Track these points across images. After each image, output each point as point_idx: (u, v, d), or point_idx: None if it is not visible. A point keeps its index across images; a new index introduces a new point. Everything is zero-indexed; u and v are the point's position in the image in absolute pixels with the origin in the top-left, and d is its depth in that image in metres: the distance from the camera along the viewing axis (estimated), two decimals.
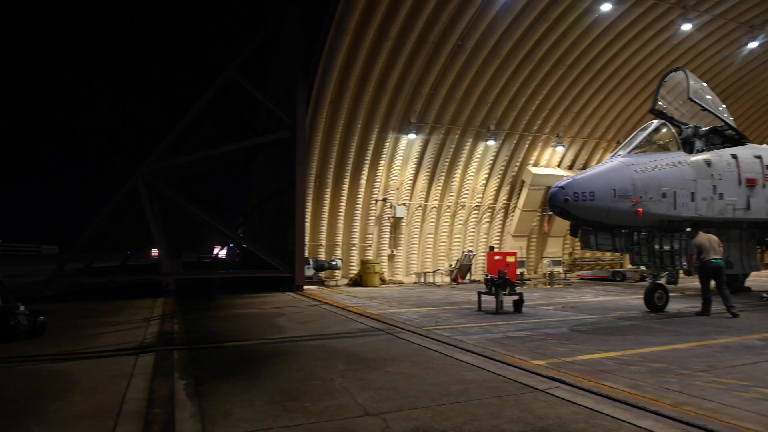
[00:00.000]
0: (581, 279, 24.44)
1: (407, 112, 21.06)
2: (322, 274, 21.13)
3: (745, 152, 12.77)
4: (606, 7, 18.37)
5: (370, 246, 22.01)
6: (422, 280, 22.25)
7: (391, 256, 22.77)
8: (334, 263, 20.72)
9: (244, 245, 23.31)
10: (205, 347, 8.75)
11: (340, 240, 21.40)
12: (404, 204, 22.50)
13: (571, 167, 25.76)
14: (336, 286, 20.94)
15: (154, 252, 28.64)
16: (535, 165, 25.08)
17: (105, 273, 22.96)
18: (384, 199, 22.08)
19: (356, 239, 21.69)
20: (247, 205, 33.09)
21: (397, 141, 21.62)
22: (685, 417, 4.89)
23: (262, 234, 27.94)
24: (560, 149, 25.06)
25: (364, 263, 20.93)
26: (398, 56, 19.18)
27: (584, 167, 24.90)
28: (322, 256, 20.98)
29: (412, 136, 21.49)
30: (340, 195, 21.12)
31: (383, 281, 21.47)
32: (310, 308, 13.87)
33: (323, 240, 21.07)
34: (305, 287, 18.82)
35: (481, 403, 5.39)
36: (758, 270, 15.80)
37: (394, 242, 22.81)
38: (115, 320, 11.87)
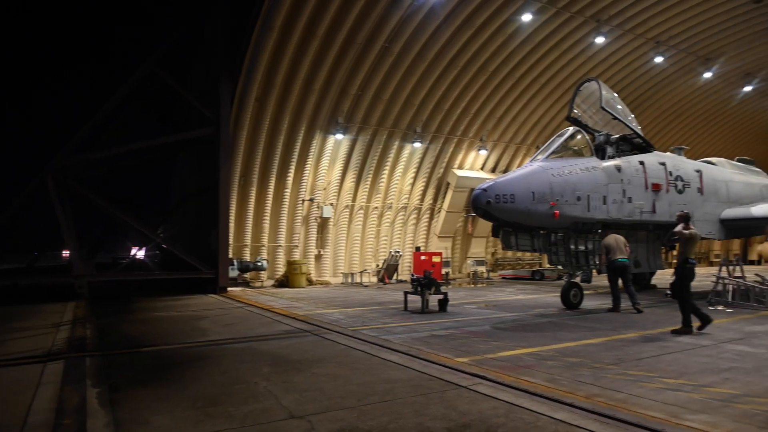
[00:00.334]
0: (503, 278, 25.30)
1: (334, 112, 21.03)
2: (247, 275, 20.69)
3: (651, 159, 13.67)
4: (527, 18, 19.14)
5: (297, 246, 21.78)
6: (349, 280, 22.27)
7: (318, 257, 22.65)
8: (259, 264, 20.34)
9: (164, 246, 22.41)
10: (121, 353, 8.34)
11: (265, 240, 21.03)
12: (331, 204, 22.44)
13: (493, 170, 26.64)
14: (261, 287, 20.56)
15: (66, 253, 26.96)
16: (460, 167, 25.74)
17: (9, 275, 21.35)
18: (311, 199, 21.92)
19: (282, 239, 21.39)
20: (168, 204, 31.83)
21: (324, 141, 21.53)
22: (597, 408, 5.18)
23: (184, 234, 26.99)
24: (483, 153, 25.87)
25: (290, 264, 20.68)
26: (326, 56, 19.11)
27: (506, 170, 25.82)
28: (247, 257, 20.54)
29: (339, 136, 21.47)
30: (266, 194, 20.75)
31: (310, 282, 21.30)
32: (234, 310, 13.54)
33: (248, 240, 20.63)
34: (229, 289, 18.35)
35: (407, 402, 5.47)
36: (662, 269, 17.00)
37: (321, 242, 22.70)
38: (21, 326, 11.08)
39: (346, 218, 23.08)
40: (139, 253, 50.17)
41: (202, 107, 18.42)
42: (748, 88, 27.63)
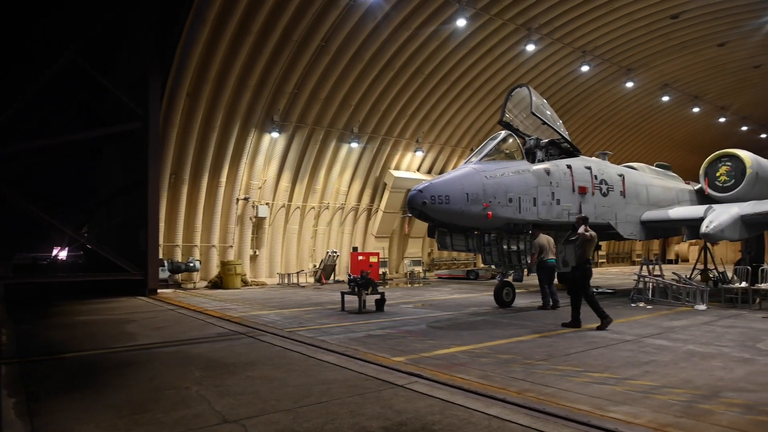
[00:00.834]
0: (439, 278, 25.71)
1: (270, 110, 20.69)
2: (179, 276, 20.00)
3: (578, 163, 14.26)
4: (461, 23, 19.54)
5: (232, 246, 21.28)
6: (286, 281, 21.98)
7: (254, 257, 22.22)
8: (191, 265, 19.71)
9: (89, 246, 21.32)
10: (42, 360, 7.86)
11: (198, 240, 20.42)
12: (267, 204, 22.07)
13: (429, 171, 27.04)
14: (194, 288, 19.94)
15: None
16: (397, 168, 25.96)
17: None
18: (246, 198, 21.47)
19: (216, 239, 20.83)
20: (93, 202, 30.23)
21: (259, 139, 21.15)
22: (528, 402, 5.36)
23: (111, 234, 25.73)
24: (420, 154, 26.22)
25: (224, 264, 20.17)
26: (261, 52, 18.77)
27: (441, 172, 26.27)
28: (179, 258, 19.86)
29: (275, 134, 21.15)
30: (198, 193, 20.15)
31: (245, 283, 20.85)
32: (164, 313, 13.06)
33: (179, 240, 19.95)
34: (159, 291, 17.68)
35: (343, 402, 5.46)
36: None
37: (257, 243, 22.28)
38: None
39: (282, 218, 22.77)
40: (62, 254, 47.46)
41: (130, 101, 17.64)
42: (666, 98, 29.37)
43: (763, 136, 38.38)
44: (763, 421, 4.88)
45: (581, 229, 10.51)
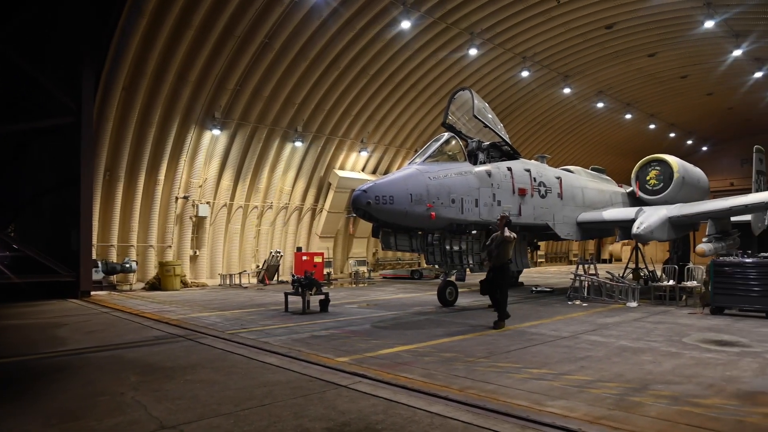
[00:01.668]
0: (384, 278, 25.82)
1: (211, 107, 20.19)
2: (114, 278, 19.19)
3: (518, 166, 14.67)
4: (406, 25, 19.70)
5: (170, 247, 20.62)
6: (228, 282, 21.50)
7: (194, 258, 21.62)
8: (127, 266, 18.96)
9: (15, 246, 20.14)
10: None
11: (134, 240, 19.66)
12: (208, 202, 21.52)
13: (374, 172, 27.11)
14: (130, 290, 19.19)
15: None
16: (341, 168, 25.90)
17: None
18: (185, 197, 20.87)
19: (154, 239, 20.14)
20: (20, 199, 28.59)
21: (200, 136, 20.60)
22: (470, 399, 5.46)
23: (40, 233, 24.41)
24: (364, 154, 26.26)
25: (163, 265, 19.52)
26: (202, 47, 18.28)
27: (386, 172, 26.40)
28: (114, 258, 19.07)
29: (216, 131, 20.65)
30: (135, 191, 19.42)
31: (185, 284, 20.25)
32: (98, 316, 12.50)
33: (115, 240, 19.16)
34: (93, 293, 16.93)
35: (286, 404, 5.39)
36: (528, 267, 18.32)
37: (197, 243, 21.69)
38: None
39: (223, 217, 22.25)
40: None
41: (62, 94, 16.76)
42: (600, 105, 30.65)
43: (690, 142, 40.69)
44: (688, 411, 5.16)
45: (508, 232, 10.52)
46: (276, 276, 22.81)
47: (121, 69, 17.45)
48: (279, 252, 22.85)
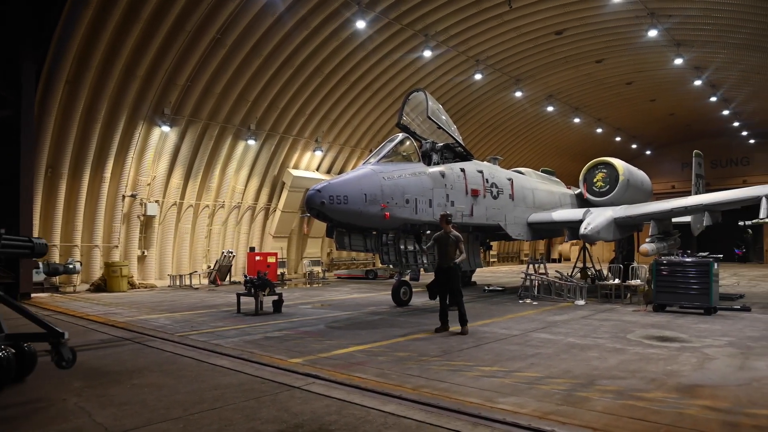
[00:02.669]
0: (339, 278, 25.72)
1: (160, 103, 19.62)
2: (57, 279, 18.38)
3: (471, 167, 14.89)
4: (361, 25, 19.66)
5: (117, 247, 19.92)
6: (178, 283, 20.95)
7: (142, 258, 20.97)
8: (71, 266, 18.15)
9: None
10: None
11: (79, 240, 18.90)
12: (157, 201, 20.91)
13: (329, 171, 26.99)
14: (74, 292, 18.43)
15: None
16: (296, 167, 25.66)
17: None
18: (133, 195, 20.21)
19: (99, 239, 19.41)
20: None
21: (148, 132, 19.99)
22: (423, 398, 5.50)
23: None
24: (319, 153, 26.10)
25: (109, 266, 18.85)
26: (151, 41, 17.73)
27: (341, 172, 26.32)
28: (56, 259, 18.26)
29: (166, 128, 20.08)
30: (79, 189, 18.66)
31: (132, 285, 19.61)
32: None
33: (57, 240, 18.36)
34: (34, 295, 16.20)
35: (238, 407, 5.30)
36: (481, 267, 18.63)
37: (146, 243, 21.05)
38: None
39: (173, 217, 21.67)
40: None
41: (1, 87, 15.97)
42: (550, 108, 31.46)
43: (634, 146, 42.27)
44: (632, 405, 5.35)
45: (455, 232, 10.26)
46: (228, 277, 22.39)
47: (65, 61, 16.74)
48: (231, 252, 22.44)
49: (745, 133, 38.34)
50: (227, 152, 22.62)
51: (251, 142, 22.89)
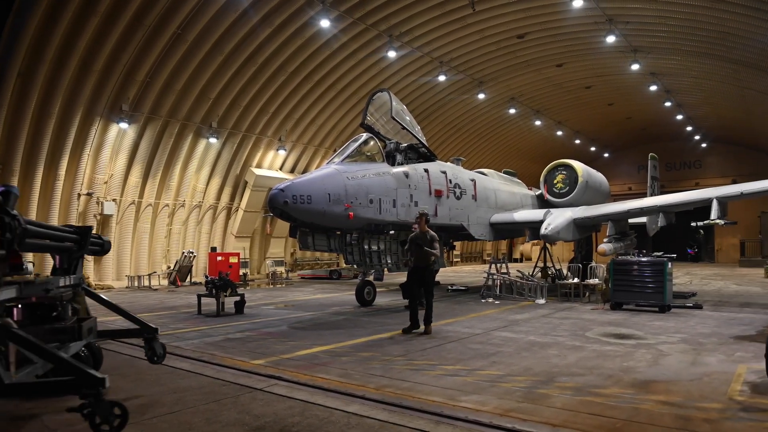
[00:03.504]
0: (302, 278, 25.52)
1: (118, 99, 19.06)
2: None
3: (434, 168, 15.00)
4: (325, 23, 19.54)
5: None
6: (136, 284, 20.41)
7: (99, 258, 20.33)
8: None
9: None
10: None
11: None
12: (114, 200, 20.33)
13: (292, 171, 26.76)
14: None
15: None
16: (258, 166, 25.35)
17: None
18: (89, 194, 19.59)
19: None
20: None
21: (105, 129, 19.40)
22: (387, 398, 5.51)
23: None
24: (282, 153, 25.84)
25: None
26: (108, 35, 17.19)
27: (305, 171, 26.13)
28: None
29: (124, 125, 19.53)
30: (32, 186, 17.94)
31: (88, 287, 18.99)
32: None
33: None
34: None
35: (198, 411, 5.20)
36: (444, 267, 18.78)
37: None
38: None
39: (131, 216, 21.11)
40: None
41: None
42: (512, 111, 31.95)
43: (593, 148, 43.32)
44: (590, 401, 5.48)
45: (431, 231, 10.20)
46: (189, 277, 21.95)
47: (17, 53, 16.08)
48: (192, 252, 22.00)
49: (697, 138, 39.75)
50: (188, 150, 22.17)
51: (213, 140, 22.49)
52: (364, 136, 13.38)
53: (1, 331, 4.03)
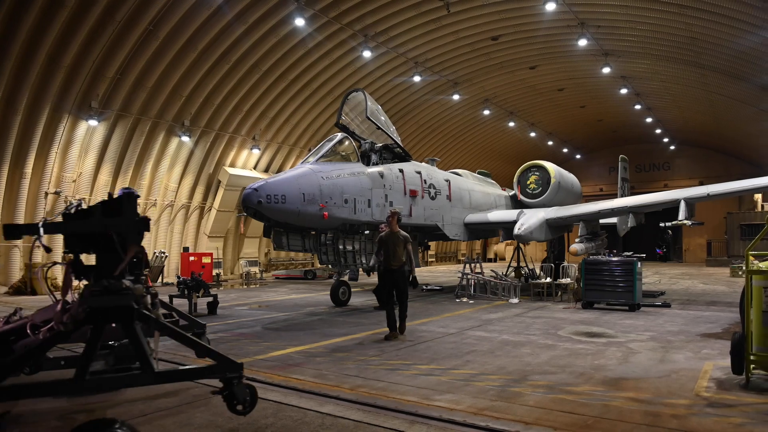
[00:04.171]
0: (277, 278, 25.32)
1: (88, 95, 18.62)
2: None
3: (409, 168, 15.04)
4: (300, 22, 19.41)
5: (39, 247, 18.73)
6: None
7: (65, 258, 19.83)
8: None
9: None
10: None
11: None
12: (83, 199, 19.83)
13: (266, 170, 26.53)
14: None
15: None
16: (232, 165, 25.07)
17: None
18: (57, 192, 19.11)
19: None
20: None
21: (74, 126, 18.94)
22: (361, 398, 5.50)
23: None
24: (256, 152, 25.59)
25: (31, 267, 17.76)
26: (77, 30, 16.78)
27: (279, 171, 25.92)
28: None
29: (93, 122, 19.08)
30: None
31: (56, 288, 18.53)
32: None
33: None
34: None
35: (170, 413, 5.12)
36: (419, 267, 18.83)
37: None
38: None
39: None
40: None
41: None
42: (486, 112, 32.21)
43: (565, 150, 43.95)
44: (562, 399, 5.55)
45: (403, 231, 9.92)
46: (160, 278, 21.59)
47: None
48: (163, 252, 21.65)
49: (666, 140, 40.68)
50: (160, 148, 21.79)
51: (185, 138, 22.15)
52: (339, 135, 13.34)
53: (156, 323, 4.64)
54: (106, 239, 4.32)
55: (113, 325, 4.52)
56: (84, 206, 4.62)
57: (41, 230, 4.22)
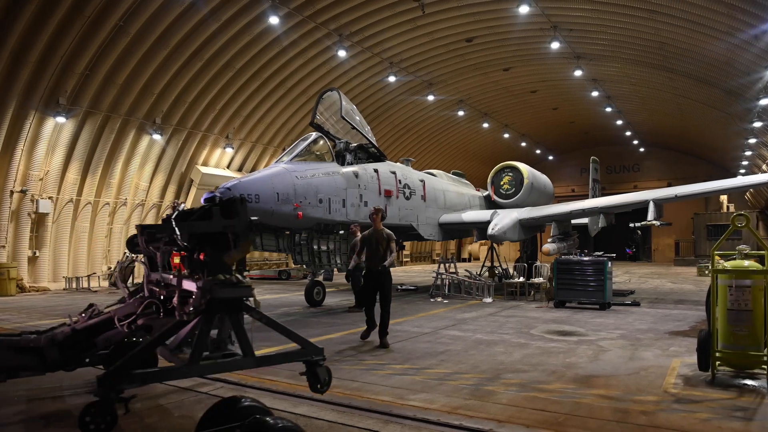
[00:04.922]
0: (250, 279, 25.00)
1: (55, 92, 18.14)
2: None
3: (384, 168, 15.04)
4: (274, 20, 19.24)
5: (4, 247, 18.25)
6: (75, 285, 19.51)
7: (33, 259, 19.34)
8: None
9: None
10: None
11: None
12: (50, 198, 19.36)
13: (240, 169, 26.25)
14: None
15: None
16: (205, 164, 24.74)
17: None
18: (23, 191, 18.60)
19: None
20: None
21: (41, 123, 18.45)
22: (335, 398, 5.47)
23: None
24: (230, 150, 25.31)
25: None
26: (44, 25, 16.37)
27: (252, 170, 25.68)
28: None
29: (61, 119, 18.61)
30: None
31: (22, 289, 18.05)
32: None
33: None
34: None
35: (141, 416, 5.01)
36: (395, 266, 18.84)
37: (37, 242, 19.42)
38: None
39: (69, 214, 20.16)
40: None
41: None
42: (461, 113, 32.42)
43: (538, 151, 44.52)
44: (534, 396, 5.61)
45: (387, 229, 9.64)
46: (131, 278, 21.16)
47: None
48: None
49: (636, 142, 41.52)
50: (130, 146, 21.37)
51: (156, 136, 21.77)
52: (314, 135, 13.27)
53: (258, 314, 5.16)
54: (220, 237, 4.71)
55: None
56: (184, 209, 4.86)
57: (177, 230, 4.59)
